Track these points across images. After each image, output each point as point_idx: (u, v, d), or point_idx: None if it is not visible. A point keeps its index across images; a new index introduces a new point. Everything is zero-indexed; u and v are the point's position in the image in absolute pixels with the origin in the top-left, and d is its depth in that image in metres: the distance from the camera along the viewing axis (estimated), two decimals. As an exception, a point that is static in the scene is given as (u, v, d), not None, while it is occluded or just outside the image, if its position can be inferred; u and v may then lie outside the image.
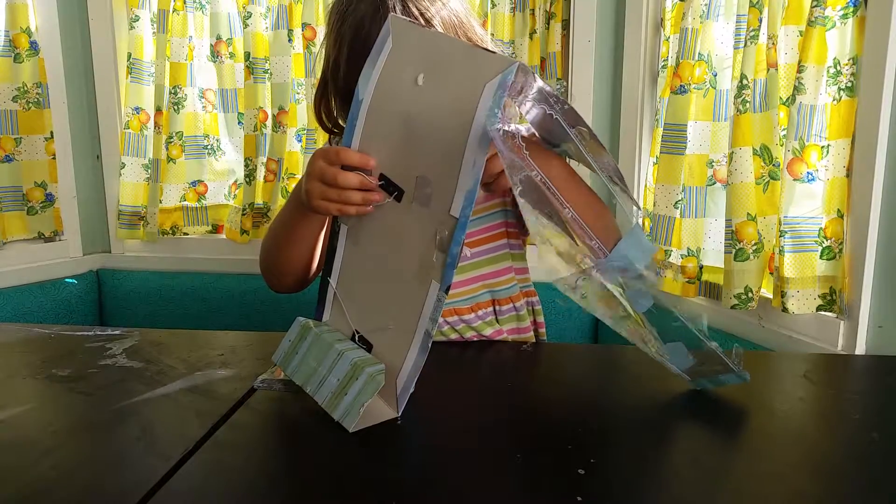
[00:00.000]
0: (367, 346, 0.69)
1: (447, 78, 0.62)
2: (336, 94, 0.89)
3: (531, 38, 1.55)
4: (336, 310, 0.73)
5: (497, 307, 0.96)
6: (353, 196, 0.68)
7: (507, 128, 0.58)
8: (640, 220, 1.35)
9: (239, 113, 1.71)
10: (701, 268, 1.24)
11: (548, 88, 0.60)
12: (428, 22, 0.82)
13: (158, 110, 1.66)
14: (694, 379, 0.68)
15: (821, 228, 1.01)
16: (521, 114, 0.62)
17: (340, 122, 0.92)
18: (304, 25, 1.58)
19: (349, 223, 0.73)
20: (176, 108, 1.68)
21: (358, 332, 0.70)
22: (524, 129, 0.74)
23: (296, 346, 0.71)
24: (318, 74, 0.92)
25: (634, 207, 0.63)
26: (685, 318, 0.61)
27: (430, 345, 0.62)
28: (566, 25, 1.49)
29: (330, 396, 0.64)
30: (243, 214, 1.66)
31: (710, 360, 0.65)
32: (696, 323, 0.61)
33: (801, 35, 1.00)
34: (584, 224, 0.62)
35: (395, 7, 0.80)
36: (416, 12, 0.81)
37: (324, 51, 0.90)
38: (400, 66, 0.66)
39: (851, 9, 0.96)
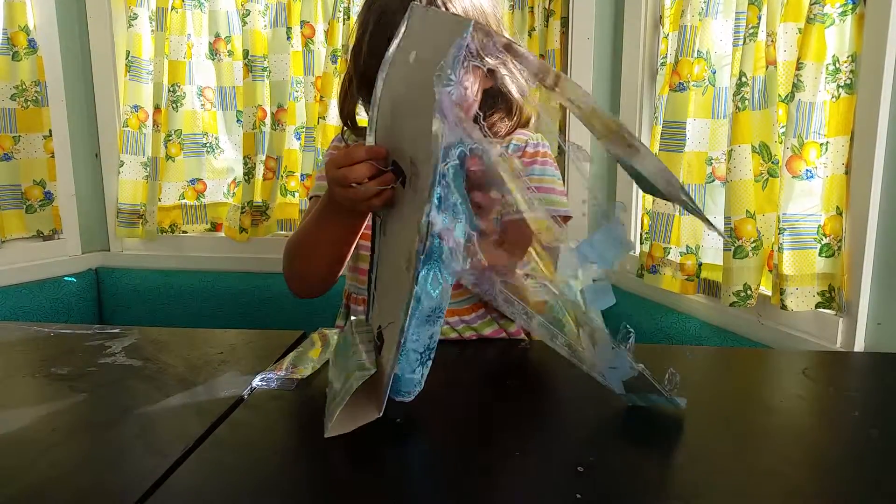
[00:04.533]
0: (382, 343, 0.67)
1: (431, 52, 0.59)
2: (355, 73, 0.89)
3: (530, 35, 1.55)
4: (375, 306, 0.72)
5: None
6: (370, 187, 0.67)
7: (473, 147, 0.53)
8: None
9: (238, 111, 1.71)
10: (700, 265, 1.24)
11: (523, 52, 0.56)
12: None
13: (157, 108, 1.66)
14: (626, 394, 0.64)
15: (820, 226, 1.01)
16: (492, 138, 0.57)
17: (362, 101, 0.93)
18: (303, 23, 1.58)
19: (382, 214, 0.71)
20: (174, 106, 1.67)
21: (379, 328, 0.67)
22: (498, 151, 0.61)
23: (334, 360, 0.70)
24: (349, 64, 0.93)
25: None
26: (613, 342, 0.59)
27: None
28: (565, 23, 1.49)
29: (327, 405, 0.63)
30: (242, 212, 1.66)
31: (642, 382, 0.62)
32: (620, 344, 0.59)
33: (800, 32, 1.00)
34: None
35: None
36: (440, 3, 0.81)
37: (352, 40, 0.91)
38: (405, 50, 0.65)
39: (850, 6, 0.96)
